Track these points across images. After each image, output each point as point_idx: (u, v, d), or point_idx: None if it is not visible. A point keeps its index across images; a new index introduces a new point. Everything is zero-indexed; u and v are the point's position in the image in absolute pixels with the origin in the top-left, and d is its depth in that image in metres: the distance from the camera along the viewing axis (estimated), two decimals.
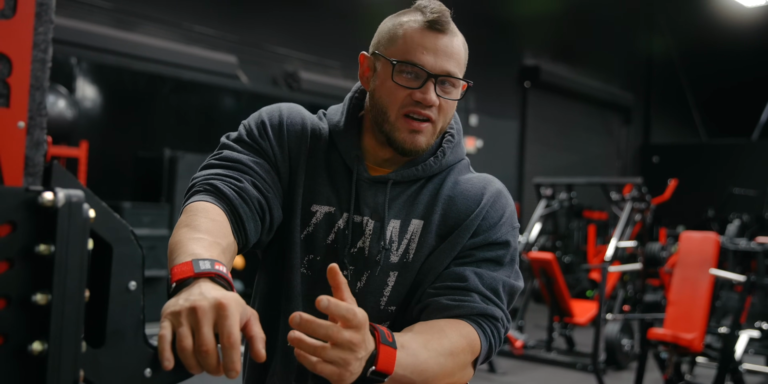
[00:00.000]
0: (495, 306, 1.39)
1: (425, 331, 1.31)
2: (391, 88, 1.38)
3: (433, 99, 1.36)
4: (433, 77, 1.36)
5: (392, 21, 1.44)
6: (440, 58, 1.37)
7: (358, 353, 1.08)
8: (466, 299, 1.36)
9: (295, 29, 9.40)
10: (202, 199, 1.31)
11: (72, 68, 7.24)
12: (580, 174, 13.20)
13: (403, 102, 1.38)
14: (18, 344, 0.79)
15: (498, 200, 1.47)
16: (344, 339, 1.06)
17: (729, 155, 15.57)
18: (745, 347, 4.99)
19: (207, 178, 1.36)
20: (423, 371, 1.24)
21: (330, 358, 1.06)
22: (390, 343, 1.18)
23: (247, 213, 1.33)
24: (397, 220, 1.45)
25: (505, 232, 1.45)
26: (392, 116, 1.39)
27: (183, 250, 1.13)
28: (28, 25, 0.83)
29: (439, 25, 1.37)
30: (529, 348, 6.67)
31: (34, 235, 0.79)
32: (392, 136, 1.40)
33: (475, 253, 1.43)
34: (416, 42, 1.37)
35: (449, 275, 1.40)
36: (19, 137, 0.83)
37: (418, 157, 1.46)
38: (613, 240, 6.20)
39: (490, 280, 1.40)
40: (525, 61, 13.46)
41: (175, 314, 0.94)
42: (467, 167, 1.55)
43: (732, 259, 6.00)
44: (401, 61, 1.37)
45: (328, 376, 1.08)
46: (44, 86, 0.86)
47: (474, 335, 1.35)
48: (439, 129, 1.42)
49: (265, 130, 1.46)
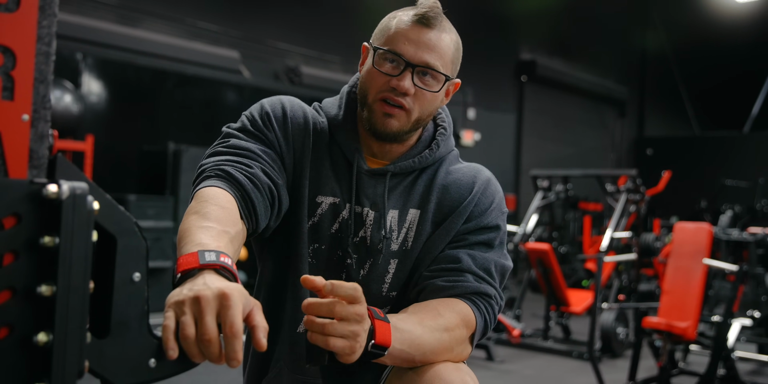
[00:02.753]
0: (488, 284, 1.44)
1: (419, 310, 1.36)
2: (373, 73, 1.44)
3: (406, 86, 1.40)
4: (411, 66, 1.41)
5: (390, 15, 1.49)
6: (421, 49, 1.41)
7: (363, 324, 1.14)
8: (460, 279, 1.42)
9: (296, 25, 9.37)
10: (214, 185, 1.31)
11: (78, 63, 7.23)
12: (576, 166, 13.07)
13: (381, 87, 1.42)
14: (23, 335, 0.78)
15: (488, 188, 1.53)
16: (351, 312, 1.12)
17: (721, 148, 15.56)
18: (737, 335, 4.87)
19: (218, 164, 1.36)
20: (420, 345, 1.28)
21: (341, 333, 1.12)
22: (383, 318, 1.24)
23: (258, 198, 1.34)
24: (396, 210, 1.50)
25: (495, 216, 1.52)
26: (370, 99, 1.44)
27: (191, 238, 1.13)
28: (32, 19, 0.82)
29: (426, 19, 1.41)
30: (526, 337, 6.59)
31: (39, 227, 0.79)
32: (368, 117, 1.45)
33: (468, 237, 1.48)
34: (401, 33, 1.42)
35: (444, 258, 1.46)
36: (24, 130, 0.82)
37: (392, 140, 1.48)
38: (608, 231, 6.02)
39: (483, 260, 1.46)
40: (522, 56, 13.45)
41: (179, 304, 0.95)
42: (457, 158, 1.61)
43: (724, 249, 5.95)
44: (383, 49, 1.43)
45: (341, 349, 1.13)
46: (48, 79, 0.85)
47: (468, 311, 1.40)
48: (414, 118, 1.45)
49: (269, 121, 1.47)
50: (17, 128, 0.82)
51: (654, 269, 7.29)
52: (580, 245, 10.28)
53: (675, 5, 16.22)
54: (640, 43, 17.01)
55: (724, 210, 9.73)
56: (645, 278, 8.02)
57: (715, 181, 12.74)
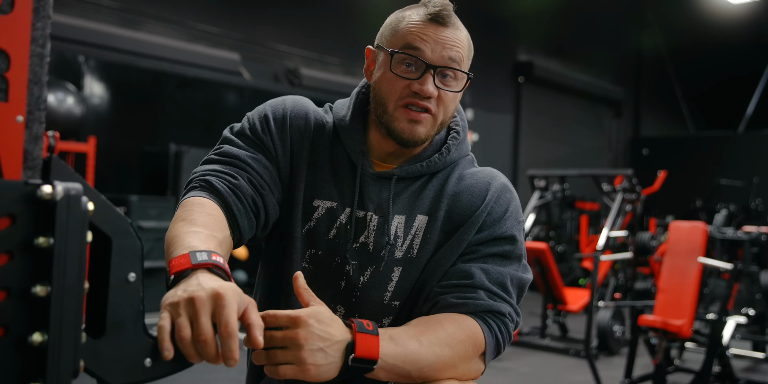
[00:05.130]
0: (502, 301, 1.35)
1: (421, 323, 1.29)
2: (390, 78, 1.35)
3: (431, 90, 1.33)
4: (432, 68, 1.33)
5: (396, 15, 1.41)
6: (440, 49, 1.33)
7: (306, 345, 1.09)
8: (471, 296, 1.33)
9: (295, 27, 9.37)
10: (198, 195, 1.28)
11: (80, 66, 7.25)
12: (573, 166, 13.14)
13: (401, 93, 1.34)
14: (18, 335, 0.78)
15: (502, 195, 1.43)
16: (278, 338, 1.09)
17: (716, 147, 15.57)
18: (732, 333, 4.94)
19: (203, 174, 1.33)
20: (415, 361, 1.21)
21: (283, 360, 1.09)
22: (369, 330, 1.18)
23: (240, 210, 1.31)
24: (402, 215, 1.41)
25: (510, 226, 1.41)
26: (390, 107, 1.36)
27: (180, 243, 1.11)
28: (26, 21, 0.82)
29: (441, 17, 1.34)
30: (523, 335, 6.58)
31: (34, 227, 0.78)
32: (391, 126, 1.36)
33: (481, 249, 1.39)
34: (416, 33, 1.34)
35: (455, 273, 1.37)
36: (18, 131, 0.82)
37: (417, 146, 1.40)
38: (604, 230, 6.07)
39: (497, 275, 1.36)
40: (519, 57, 13.44)
41: (174, 305, 0.93)
42: (471, 162, 1.51)
43: (719, 248, 6.00)
44: (399, 51, 1.34)
45: (293, 375, 1.10)
46: (43, 81, 0.84)
47: (476, 328, 1.31)
48: (439, 121, 1.38)
49: (267, 125, 1.42)
50: (12, 129, 0.81)
51: (650, 268, 7.31)
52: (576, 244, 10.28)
53: (670, 7, 16.24)
54: (636, 44, 17.00)
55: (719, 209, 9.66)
56: (641, 277, 8.03)
57: (710, 180, 12.71)
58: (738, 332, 5.97)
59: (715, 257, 5.76)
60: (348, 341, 1.15)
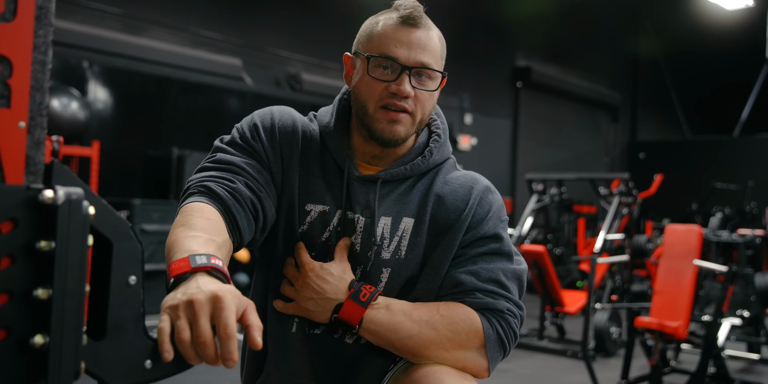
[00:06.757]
0: (500, 297, 1.38)
1: (424, 304, 1.39)
2: (369, 82, 1.40)
3: (407, 90, 1.37)
4: (407, 69, 1.38)
5: (370, 20, 1.46)
6: (414, 50, 1.38)
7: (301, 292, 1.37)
8: (467, 298, 1.38)
9: (297, 33, 9.38)
10: (197, 200, 1.30)
11: (84, 71, 7.26)
12: (570, 170, 13.16)
13: (380, 95, 1.39)
14: (20, 338, 0.78)
15: (485, 197, 1.47)
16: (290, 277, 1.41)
17: (712, 151, 15.58)
18: (727, 334, 4.93)
19: (201, 181, 1.35)
20: (396, 330, 1.33)
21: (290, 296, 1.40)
22: (361, 301, 1.33)
23: (240, 212, 1.33)
24: (388, 217, 1.44)
25: (493, 225, 1.45)
26: (371, 109, 1.40)
27: (179, 247, 1.12)
28: (28, 28, 0.83)
29: (412, 19, 1.38)
30: (521, 336, 6.69)
31: (35, 231, 0.79)
32: (372, 127, 1.41)
33: (468, 251, 1.42)
34: (390, 37, 1.39)
35: (447, 283, 1.41)
36: (20, 137, 0.82)
37: (398, 146, 1.45)
38: (601, 233, 6.07)
39: (488, 273, 1.39)
40: (517, 62, 13.45)
41: (173, 308, 0.95)
42: (454, 165, 1.55)
43: (715, 251, 5.99)
44: (376, 56, 1.39)
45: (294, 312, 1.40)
46: (45, 87, 0.85)
47: (473, 316, 1.35)
48: (418, 120, 1.43)
49: (257, 133, 1.45)
50: (14, 135, 0.82)
51: (646, 270, 7.26)
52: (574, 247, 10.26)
53: (666, 13, 16.30)
54: (633, 50, 17.03)
55: (714, 212, 9.65)
56: (637, 279, 8.05)
57: (705, 183, 12.69)
58: (733, 334, 5.96)
59: (711, 260, 5.77)
60: (338, 302, 1.35)
